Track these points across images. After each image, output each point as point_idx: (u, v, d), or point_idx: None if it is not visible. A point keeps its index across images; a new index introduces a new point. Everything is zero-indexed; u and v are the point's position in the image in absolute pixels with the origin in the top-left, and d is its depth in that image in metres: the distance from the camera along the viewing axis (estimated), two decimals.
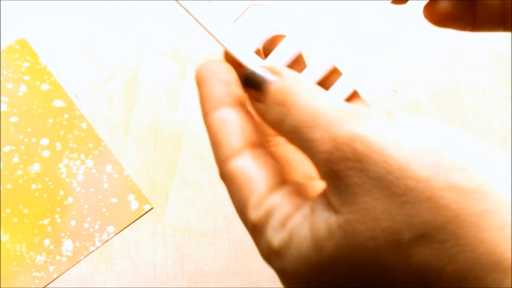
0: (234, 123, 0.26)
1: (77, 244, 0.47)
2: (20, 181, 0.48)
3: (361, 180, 0.21)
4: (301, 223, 0.24)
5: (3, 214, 0.47)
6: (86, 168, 0.49)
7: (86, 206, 0.48)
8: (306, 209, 0.24)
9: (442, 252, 0.21)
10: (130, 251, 0.48)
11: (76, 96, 0.51)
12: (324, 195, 0.24)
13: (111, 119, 0.50)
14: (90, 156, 0.49)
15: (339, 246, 0.22)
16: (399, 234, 0.21)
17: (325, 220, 0.23)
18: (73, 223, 0.48)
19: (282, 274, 0.25)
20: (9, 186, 0.48)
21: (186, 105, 0.51)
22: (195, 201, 0.49)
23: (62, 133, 0.50)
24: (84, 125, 0.50)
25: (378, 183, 0.21)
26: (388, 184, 0.21)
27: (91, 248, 0.47)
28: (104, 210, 0.48)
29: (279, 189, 0.25)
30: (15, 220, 0.47)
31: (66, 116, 0.50)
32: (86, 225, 0.48)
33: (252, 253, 0.49)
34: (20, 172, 0.48)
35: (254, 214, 0.25)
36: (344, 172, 0.22)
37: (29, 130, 0.49)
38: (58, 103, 0.50)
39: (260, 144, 0.26)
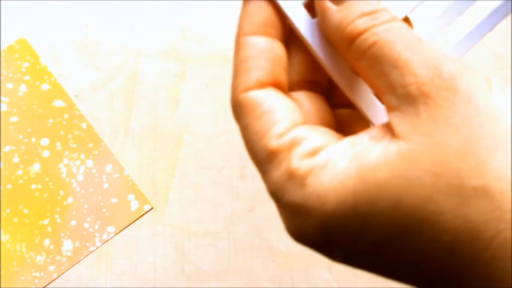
0: (266, 55, 0.23)
1: (77, 244, 0.47)
2: (20, 181, 0.48)
3: (448, 115, 0.20)
4: (339, 153, 0.21)
5: (3, 214, 0.47)
6: (86, 168, 0.49)
7: (86, 206, 0.48)
8: (344, 142, 0.22)
9: (506, 213, 0.19)
10: (130, 251, 0.48)
11: (76, 96, 0.51)
12: (378, 129, 0.22)
13: (111, 119, 0.50)
14: (90, 156, 0.49)
15: (392, 175, 0.20)
16: (466, 177, 0.19)
17: (377, 147, 0.21)
18: (73, 223, 0.48)
19: (298, 207, 0.22)
20: (9, 186, 0.48)
21: (186, 105, 0.51)
22: (195, 201, 0.49)
23: (62, 133, 0.50)
24: (84, 125, 0.50)
25: (464, 121, 0.20)
26: (476, 134, 0.19)
27: (91, 248, 0.47)
28: (104, 210, 0.48)
29: (308, 125, 0.23)
30: (15, 220, 0.47)
31: (66, 116, 0.50)
32: (86, 225, 0.48)
33: (252, 253, 0.49)
34: (20, 172, 0.48)
35: (275, 142, 0.22)
36: (435, 101, 0.20)
37: (29, 130, 0.49)
38: (58, 103, 0.50)
39: (284, 89, 0.24)
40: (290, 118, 0.23)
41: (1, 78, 0.51)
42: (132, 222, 0.48)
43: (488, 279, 0.19)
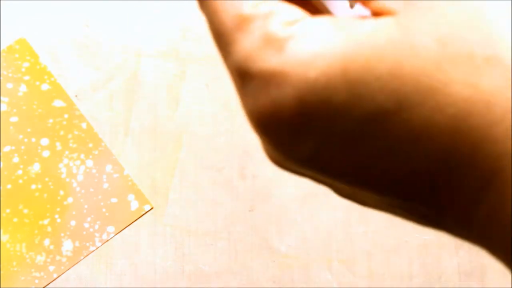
0: None
1: (77, 244, 0.47)
2: (20, 181, 0.48)
3: None
4: (323, 23, 0.19)
5: (3, 214, 0.47)
6: (86, 168, 0.49)
7: (86, 206, 0.48)
8: (331, 19, 0.19)
9: None
10: (130, 251, 0.48)
11: (76, 96, 0.51)
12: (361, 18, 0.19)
13: (111, 119, 0.50)
14: (90, 156, 0.49)
15: (389, 40, 0.18)
16: (476, 46, 0.17)
17: (370, 22, 0.18)
18: (73, 223, 0.48)
19: (271, 75, 0.18)
20: (9, 186, 0.48)
21: (186, 105, 0.51)
22: (195, 201, 0.49)
23: (62, 133, 0.50)
24: (84, 125, 0.50)
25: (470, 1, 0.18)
26: (482, 4, 0.18)
27: (91, 248, 0.47)
28: (104, 210, 0.48)
29: (286, 2, 0.20)
30: (15, 220, 0.47)
31: (66, 116, 0.50)
32: (86, 225, 0.48)
33: (252, 253, 0.49)
34: (20, 172, 0.48)
35: (249, 8, 0.19)
36: None
37: (29, 130, 0.49)
38: (58, 103, 0.50)
39: None
40: None
41: (1, 78, 0.51)
42: (132, 222, 0.48)
43: (499, 160, 0.17)
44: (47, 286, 0.47)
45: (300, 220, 0.50)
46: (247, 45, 0.19)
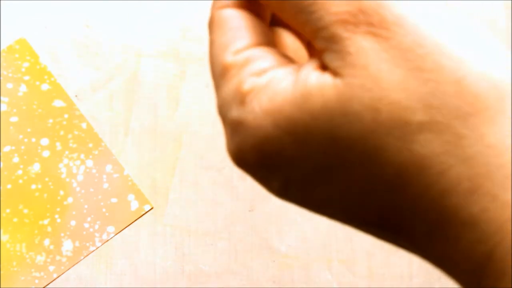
0: None
1: (77, 244, 0.47)
2: (20, 181, 0.48)
3: (381, 48, 0.18)
4: (283, 75, 0.21)
5: (3, 214, 0.47)
6: (86, 168, 0.49)
7: (86, 206, 0.48)
8: (292, 67, 0.21)
9: (456, 148, 0.18)
10: (130, 251, 0.48)
11: (76, 96, 0.51)
12: (317, 59, 0.20)
13: (111, 119, 0.50)
14: (90, 156, 0.49)
15: (327, 108, 0.19)
16: (410, 112, 0.18)
17: (317, 78, 0.19)
18: (73, 223, 0.48)
19: (238, 123, 0.21)
20: (9, 186, 0.48)
21: (186, 105, 0.51)
22: (195, 201, 0.49)
23: (62, 133, 0.50)
24: (84, 125, 0.50)
25: (402, 54, 0.18)
26: (415, 57, 0.18)
27: (91, 248, 0.47)
28: (104, 210, 0.48)
29: (269, 46, 0.22)
30: (15, 220, 0.47)
31: (66, 116, 0.50)
32: (86, 225, 0.48)
33: (252, 253, 0.49)
34: (20, 172, 0.48)
35: (231, 57, 0.22)
36: (362, 36, 0.19)
37: (29, 130, 0.49)
38: (58, 103, 0.50)
39: (263, 17, 0.24)
40: (253, 38, 0.22)
41: (1, 78, 0.51)
42: (132, 222, 0.48)
43: (440, 213, 0.18)
44: (47, 286, 0.47)
45: (300, 220, 0.50)
46: (224, 94, 0.22)
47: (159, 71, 0.52)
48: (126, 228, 0.48)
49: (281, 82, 0.20)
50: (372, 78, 0.18)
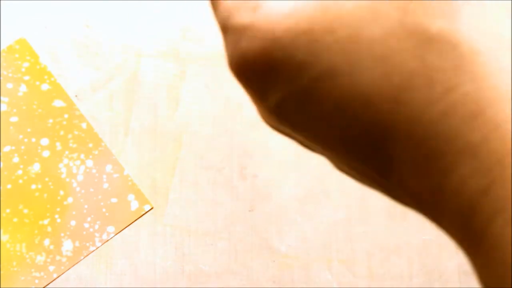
0: None
1: (77, 244, 0.47)
2: (20, 181, 0.48)
3: None
4: None
5: (3, 214, 0.47)
6: (86, 168, 0.49)
7: (86, 206, 0.48)
8: None
9: (469, 65, 0.18)
10: (130, 251, 0.48)
11: (76, 96, 0.51)
12: None
13: (111, 119, 0.50)
14: (90, 156, 0.49)
15: (357, 5, 0.19)
16: (432, 18, 0.18)
17: None
18: (73, 223, 0.48)
19: (243, 28, 0.20)
20: (9, 186, 0.48)
21: (186, 105, 0.51)
22: (195, 201, 0.49)
23: (62, 133, 0.50)
24: (84, 125, 0.50)
25: None
26: None
27: (91, 248, 0.47)
28: (104, 210, 0.48)
29: None
30: (15, 220, 0.47)
31: (66, 116, 0.50)
32: (86, 225, 0.48)
33: (252, 253, 0.49)
34: (20, 172, 0.48)
35: None
36: None
37: (29, 130, 0.49)
38: (58, 103, 0.50)
39: None
40: None
41: (1, 78, 0.51)
42: (132, 222, 0.48)
43: (436, 139, 0.18)
44: (47, 286, 0.47)
45: (300, 220, 0.50)
46: (229, 3, 0.21)
47: (159, 71, 0.52)
48: (126, 228, 0.48)
49: None
50: None
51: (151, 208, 0.49)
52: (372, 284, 0.49)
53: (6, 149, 0.49)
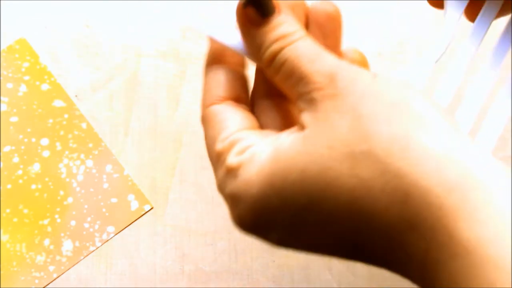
0: (225, 77, 0.29)
1: (77, 244, 0.47)
2: (20, 181, 0.48)
3: (340, 104, 0.25)
4: (264, 145, 0.26)
5: (3, 214, 0.47)
6: (86, 168, 0.49)
7: (86, 206, 0.48)
8: (271, 137, 0.27)
9: (389, 166, 0.23)
10: (130, 251, 0.48)
11: (76, 96, 0.51)
12: (296, 126, 0.26)
13: (111, 119, 0.51)
14: (90, 156, 0.49)
15: (297, 152, 0.25)
16: (354, 145, 0.24)
17: (290, 137, 0.26)
18: (73, 223, 0.48)
19: (233, 196, 0.26)
20: (9, 186, 0.48)
21: (186, 105, 0.51)
22: (195, 201, 0.49)
23: (62, 133, 0.50)
24: (84, 125, 0.50)
25: (355, 106, 0.24)
26: (359, 113, 0.24)
27: (91, 248, 0.47)
28: (104, 210, 0.48)
29: (249, 129, 0.28)
30: (15, 220, 0.48)
31: (66, 116, 0.50)
32: (86, 225, 0.48)
33: (252, 253, 0.49)
34: (20, 172, 0.48)
35: (220, 145, 0.28)
36: (329, 98, 0.25)
37: (29, 130, 0.50)
38: (58, 103, 0.51)
39: (244, 102, 0.30)
40: (236, 125, 0.28)
41: (1, 78, 0.51)
42: (132, 222, 0.48)
43: (389, 227, 0.23)
44: (47, 286, 0.47)
45: None
46: (220, 176, 0.28)
47: (159, 71, 0.52)
48: (126, 228, 0.48)
49: (262, 153, 0.26)
50: (330, 126, 0.24)
51: (151, 208, 0.49)
52: (372, 284, 0.49)
53: (6, 149, 0.49)
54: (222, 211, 0.49)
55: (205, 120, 0.29)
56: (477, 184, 0.22)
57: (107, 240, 0.48)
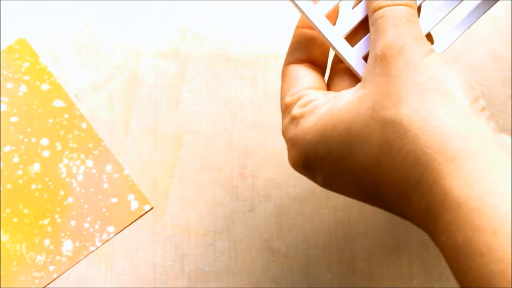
0: (307, 42, 0.34)
1: (77, 244, 0.47)
2: (20, 181, 0.48)
3: (391, 68, 0.29)
4: (324, 101, 0.31)
5: (3, 214, 0.47)
6: (86, 168, 0.49)
7: (86, 206, 0.48)
8: (331, 95, 0.32)
9: (408, 132, 0.28)
10: (130, 251, 0.48)
11: (76, 96, 0.51)
12: (358, 84, 0.31)
13: (111, 119, 0.50)
14: (90, 156, 0.49)
15: (348, 110, 0.30)
16: (388, 110, 0.29)
17: (345, 96, 0.31)
18: (73, 223, 0.48)
19: (292, 140, 0.32)
20: (9, 186, 0.48)
21: (186, 105, 0.51)
22: (195, 201, 0.49)
23: (62, 133, 0.50)
24: (84, 125, 0.50)
25: (402, 73, 0.29)
26: (402, 83, 0.29)
27: (91, 248, 0.47)
28: (104, 210, 0.48)
29: (316, 89, 0.33)
30: (15, 220, 0.47)
31: (66, 116, 0.50)
32: (86, 225, 0.48)
33: (252, 253, 0.49)
34: (20, 172, 0.48)
35: (289, 98, 0.33)
36: (387, 60, 0.30)
37: (29, 130, 0.50)
38: (58, 103, 0.50)
39: (319, 66, 0.35)
40: (306, 83, 0.33)
41: (1, 78, 0.51)
42: (132, 222, 0.48)
43: (400, 184, 0.28)
44: (47, 286, 0.47)
45: (300, 220, 0.50)
46: (285, 123, 0.33)
47: (159, 71, 0.52)
48: (126, 228, 0.48)
49: (322, 107, 0.31)
50: (377, 89, 0.30)
51: (151, 208, 0.49)
52: (372, 284, 0.49)
53: (6, 149, 0.49)
54: (222, 211, 0.49)
55: (283, 75, 0.34)
56: (473, 156, 0.26)
57: (107, 240, 0.48)
